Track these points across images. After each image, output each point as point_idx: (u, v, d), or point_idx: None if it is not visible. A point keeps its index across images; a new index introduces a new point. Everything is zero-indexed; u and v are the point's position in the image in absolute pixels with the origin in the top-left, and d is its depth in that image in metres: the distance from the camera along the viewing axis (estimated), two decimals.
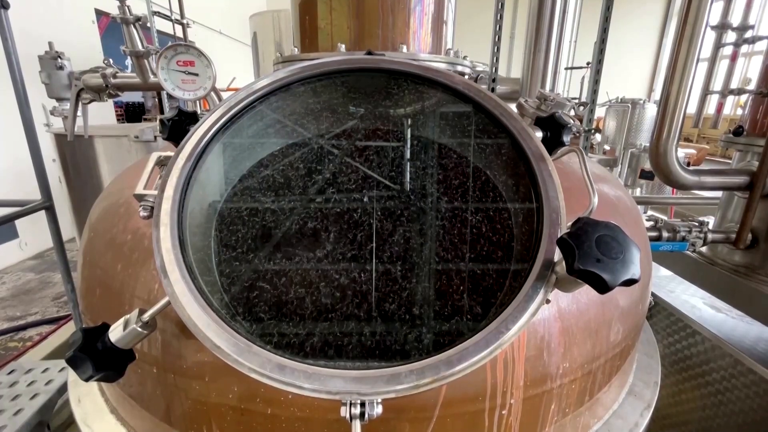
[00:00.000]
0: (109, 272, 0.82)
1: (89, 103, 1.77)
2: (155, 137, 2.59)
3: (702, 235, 1.86)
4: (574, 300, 0.77)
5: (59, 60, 2.50)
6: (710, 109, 4.25)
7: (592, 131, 3.37)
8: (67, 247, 2.58)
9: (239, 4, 10.92)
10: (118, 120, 7.44)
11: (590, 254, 0.46)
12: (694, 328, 1.67)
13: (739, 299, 1.85)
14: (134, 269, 0.78)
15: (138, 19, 1.35)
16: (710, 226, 1.93)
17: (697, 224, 1.90)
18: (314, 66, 0.78)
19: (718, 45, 2.41)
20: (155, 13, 5.41)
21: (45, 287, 4.61)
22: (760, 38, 1.96)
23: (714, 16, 2.36)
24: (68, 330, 3.22)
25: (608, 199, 1.00)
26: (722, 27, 2.33)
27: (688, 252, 2.04)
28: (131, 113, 7.68)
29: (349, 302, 0.61)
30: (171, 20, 5.33)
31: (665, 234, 1.88)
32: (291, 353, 0.51)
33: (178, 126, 0.81)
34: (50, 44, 2.51)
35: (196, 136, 0.66)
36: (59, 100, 2.64)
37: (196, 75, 1.15)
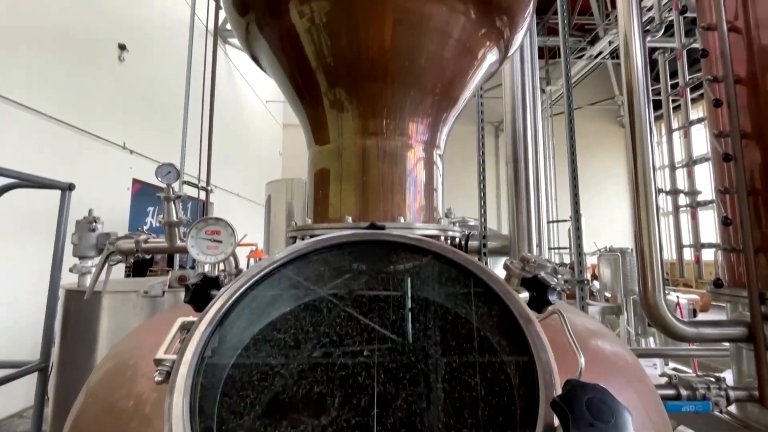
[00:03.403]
0: None
1: (116, 264, 1.92)
2: (163, 292, 2.68)
3: (723, 393, 1.75)
4: None
5: (93, 223, 2.80)
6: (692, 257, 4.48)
7: (586, 281, 3.50)
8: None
9: (257, 173, 12.66)
10: (125, 273, 7.70)
11: (583, 418, 0.49)
12: None
13: None
14: None
15: (178, 197, 1.62)
16: (729, 381, 1.83)
17: (713, 380, 1.81)
18: (325, 240, 0.92)
19: (677, 206, 2.75)
20: (184, 182, 6.26)
21: None
22: (710, 202, 2.25)
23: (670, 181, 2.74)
24: None
25: (605, 356, 1.02)
26: (675, 192, 2.70)
27: (716, 413, 1.87)
28: (138, 266, 8.00)
29: None
30: (197, 187, 6.11)
31: (684, 392, 1.77)
32: None
33: (201, 291, 0.91)
34: (90, 211, 2.84)
35: (219, 302, 0.74)
36: (82, 258, 2.83)
37: (220, 242, 1.31)
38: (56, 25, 5.81)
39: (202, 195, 6.15)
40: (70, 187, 2.19)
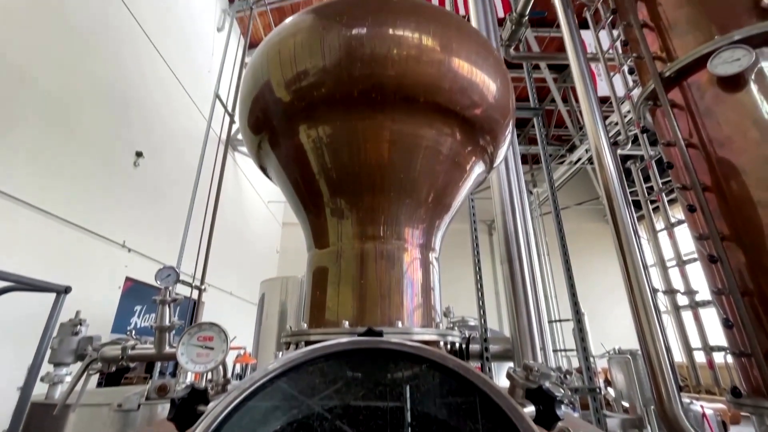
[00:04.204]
0: None
1: (96, 373, 1.80)
2: (138, 405, 2.44)
3: None
4: None
5: (78, 326, 2.66)
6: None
7: (598, 389, 3.26)
8: None
9: (253, 270, 12.59)
10: (98, 381, 7.04)
11: None
12: None
13: None
14: None
15: (174, 300, 1.60)
16: None
17: None
18: (321, 349, 0.90)
19: (676, 306, 2.72)
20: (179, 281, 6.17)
21: None
22: (708, 302, 2.24)
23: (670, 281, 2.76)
24: None
25: None
26: (671, 292, 2.70)
27: None
28: (111, 374, 7.30)
29: None
30: (191, 286, 6.00)
31: None
32: None
33: (187, 406, 0.85)
34: (77, 313, 2.74)
35: (206, 422, 0.70)
36: (57, 365, 2.62)
37: (212, 349, 1.26)
38: (81, 133, 6.38)
39: (194, 293, 6.02)
40: (66, 290, 2.16)
